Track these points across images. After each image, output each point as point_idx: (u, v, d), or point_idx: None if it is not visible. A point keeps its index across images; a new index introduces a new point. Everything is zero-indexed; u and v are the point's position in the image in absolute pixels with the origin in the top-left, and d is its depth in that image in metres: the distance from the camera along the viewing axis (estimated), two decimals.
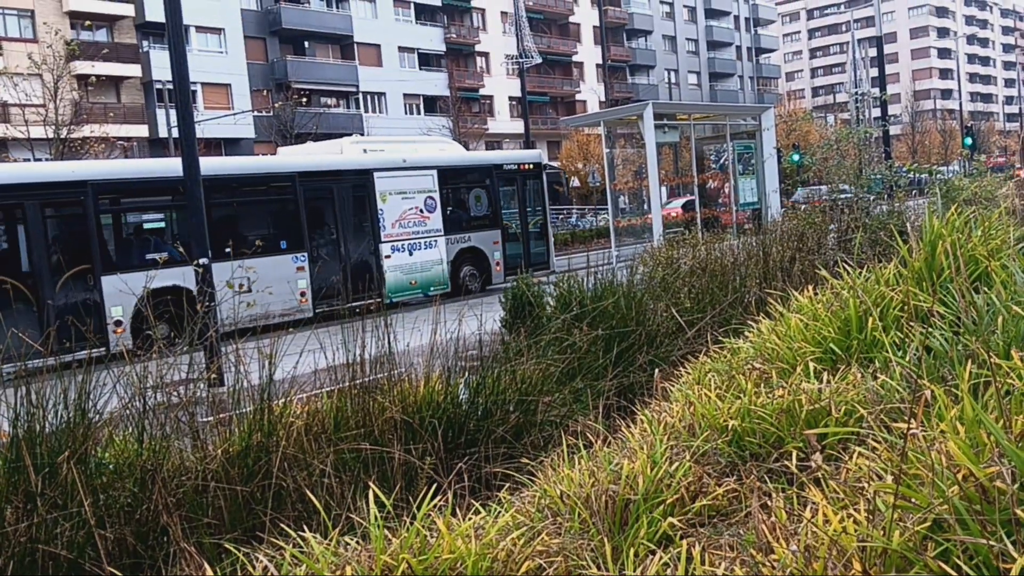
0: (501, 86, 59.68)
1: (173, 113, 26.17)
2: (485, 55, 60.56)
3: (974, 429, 2.58)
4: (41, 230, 13.32)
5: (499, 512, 3.10)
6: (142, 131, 42.27)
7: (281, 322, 12.08)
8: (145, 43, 44.00)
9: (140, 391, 4.78)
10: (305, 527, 3.12)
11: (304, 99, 43.98)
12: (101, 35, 42.40)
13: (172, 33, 10.52)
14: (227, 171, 16.28)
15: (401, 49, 55.35)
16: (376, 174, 16.86)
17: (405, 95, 55.08)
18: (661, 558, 2.72)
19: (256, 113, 44.75)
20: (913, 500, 2.41)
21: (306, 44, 51.24)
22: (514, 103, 58.77)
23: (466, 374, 5.71)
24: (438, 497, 3.06)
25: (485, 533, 2.81)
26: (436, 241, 17.87)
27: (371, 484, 3.12)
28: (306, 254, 15.91)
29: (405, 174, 17.39)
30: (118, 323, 13.36)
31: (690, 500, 3.28)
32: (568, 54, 65.16)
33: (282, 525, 3.34)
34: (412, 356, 6.08)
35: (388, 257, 17.04)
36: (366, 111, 53.26)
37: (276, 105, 43.06)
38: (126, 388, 4.83)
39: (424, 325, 6.14)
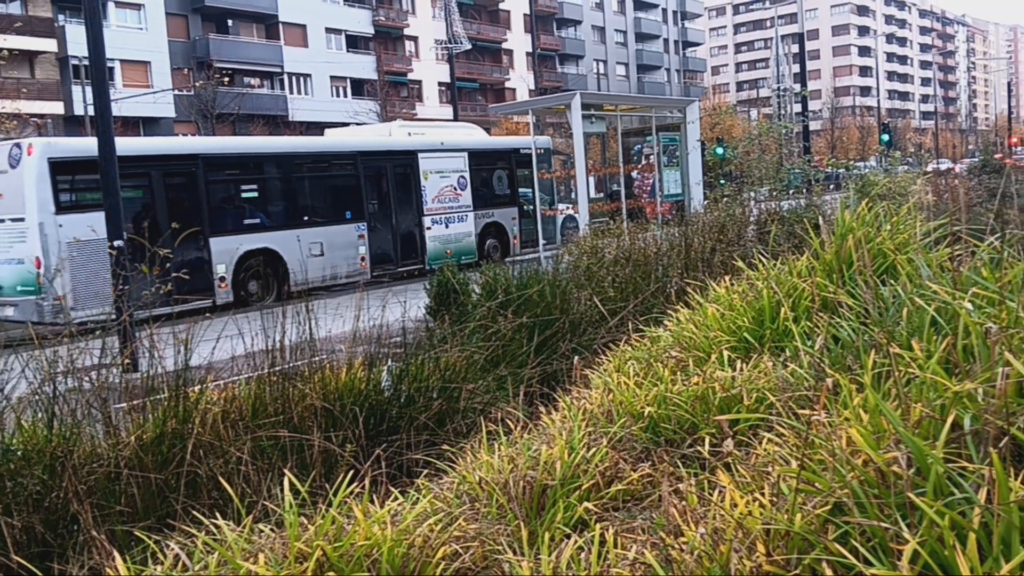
0: (430, 71, 59.26)
1: (90, 90, 25.33)
2: (414, 39, 60.03)
3: (876, 416, 2.68)
4: (163, 196, 15.24)
5: (417, 499, 3.10)
6: (57, 108, 40.82)
7: (346, 283, 15.22)
8: (61, 17, 42.43)
9: (50, 376, 4.65)
10: (220, 515, 3.08)
11: (226, 78, 43.02)
12: (15, 7, 40.70)
13: (88, 7, 10.18)
14: (305, 149, 18.72)
15: (328, 30, 54.51)
16: (420, 155, 18.91)
17: (332, 77, 54.31)
18: (576, 542, 2.77)
19: (176, 92, 43.60)
20: (816, 484, 2.50)
21: (229, 22, 50.09)
22: (443, 89, 58.45)
23: (389, 361, 5.69)
24: (355, 484, 3.06)
25: (402, 519, 2.82)
26: (467, 216, 20.02)
27: (286, 471, 3.09)
28: (365, 224, 17.96)
29: (443, 155, 19.54)
30: (222, 279, 15.32)
31: (606, 485, 3.34)
32: (498, 41, 65.05)
33: (196, 513, 3.29)
34: (334, 343, 6.03)
35: (429, 228, 19.16)
36: (291, 92, 52.38)
37: (197, 84, 41.97)
38: (35, 372, 4.69)
39: (347, 311, 6.09)
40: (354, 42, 56.15)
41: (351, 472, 3.24)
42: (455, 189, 19.68)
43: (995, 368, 2.47)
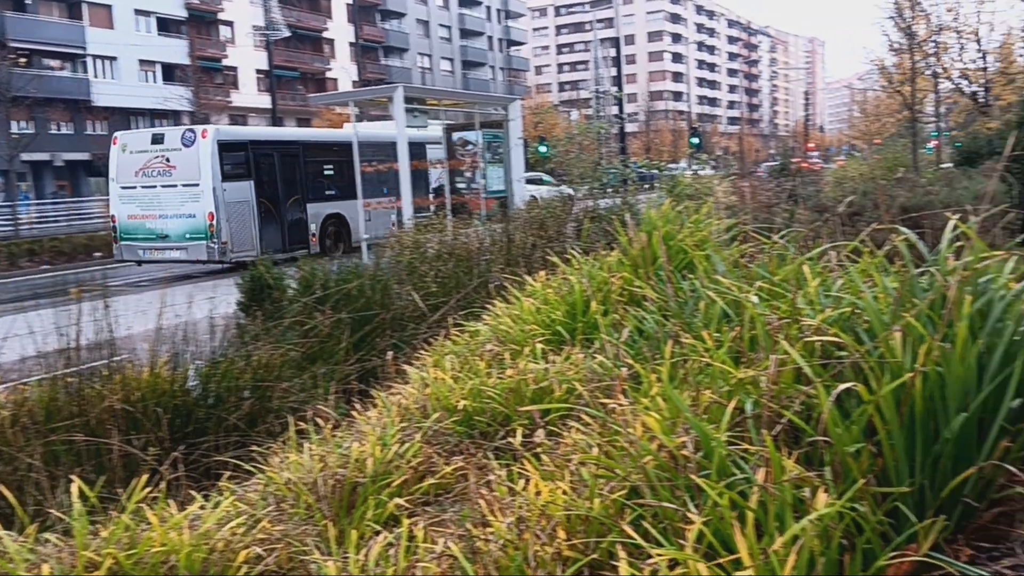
0: (247, 58, 57.18)
1: None
2: (230, 24, 57.75)
3: (672, 403, 2.82)
4: (280, 171, 20.13)
5: (219, 502, 3.00)
6: None
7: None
8: None
9: None
10: (5, 525, 2.86)
11: (23, 59, 39.88)
12: None
13: None
14: (362, 139, 21.89)
15: (137, 12, 51.57)
16: (427, 145, 22.08)
17: (140, 61, 51.47)
18: (386, 538, 2.75)
19: None
20: (616, 471, 2.61)
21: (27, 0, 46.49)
22: (261, 76, 56.57)
23: (196, 360, 5.47)
24: (151, 488, 2.92)
25: (202, 523, 2.71)
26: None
27: (74, 477, 2.91)
28: (395, 197, 21.79)
29: (441, 146, 22.43)
30: (313, 234, 20.84)
31: (418, 480, 3.34)
32: (319, 30, 63.66)
33: None
34: (137, 341, 5.73)
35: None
36: (95, 75, 49.20)
37: None
38: None
39: (151, 308, 5.80)
40: (165, 25, 53.41)
41: (148, 476, 3.09)
42: None
43: (777, 356, 2.66)
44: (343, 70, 61.39)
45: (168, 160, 18.22)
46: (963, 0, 29.96)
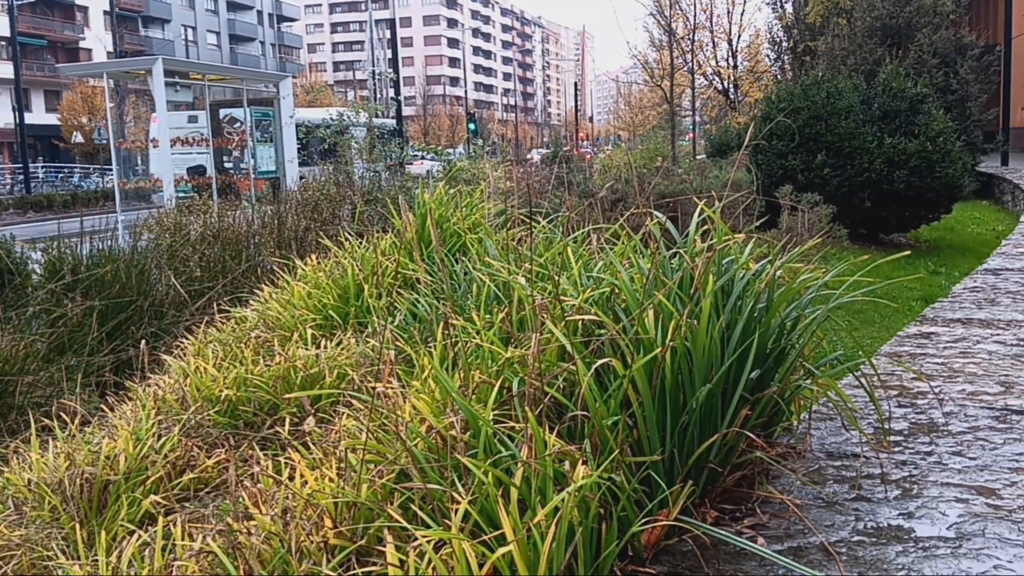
0: None
1: None
2: None
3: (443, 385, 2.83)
4: None
5: None
6: None
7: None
8: None
9: None
10: None
11: None
12: None
13: None
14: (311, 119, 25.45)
15: None
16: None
17: None
18: (140, 538, 2.59)
19: None
20: (387, 455, 2.59)
21: None
22: (3, 44, 51.42)
23: None
24: None
25: None
26: None
27: None
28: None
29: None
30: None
31: (177, 475, 3.17)
32: None
33: None
34: None
35: None
36: None
37: None
38: None
39: None
40: None
41: None
42: None
43: (542, 335, 2.74)
44: (98, 40, 56.96)
45: (202, 134, 21.83)
46: (716, 1, 32.35)
